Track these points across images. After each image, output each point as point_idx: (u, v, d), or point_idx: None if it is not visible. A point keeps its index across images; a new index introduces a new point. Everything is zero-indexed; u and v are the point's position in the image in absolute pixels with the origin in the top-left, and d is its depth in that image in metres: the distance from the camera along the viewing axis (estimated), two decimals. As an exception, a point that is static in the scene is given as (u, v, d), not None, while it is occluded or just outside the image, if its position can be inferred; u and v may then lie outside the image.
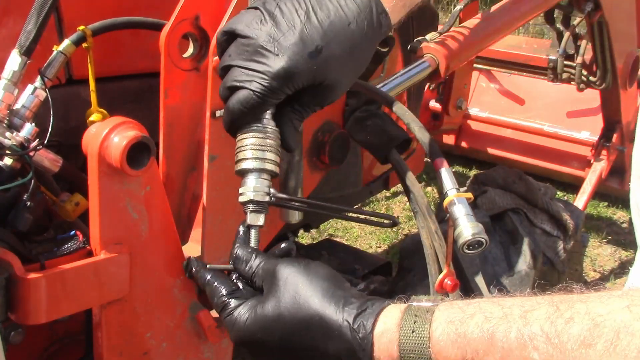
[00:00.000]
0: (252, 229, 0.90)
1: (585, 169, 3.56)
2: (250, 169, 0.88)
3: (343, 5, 0.90)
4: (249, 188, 0.88)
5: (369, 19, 0.92)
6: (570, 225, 2.34)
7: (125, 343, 1.09)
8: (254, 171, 0.88)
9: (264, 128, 0.89)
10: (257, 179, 0.88)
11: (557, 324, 0.57)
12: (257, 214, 0.88)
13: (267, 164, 0.88)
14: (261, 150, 0.88)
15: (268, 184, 0.89)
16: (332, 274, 0.80)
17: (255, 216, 0.88)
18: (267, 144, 0.89)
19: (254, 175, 0.88)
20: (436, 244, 1.28)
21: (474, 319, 0.64)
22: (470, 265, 2.07)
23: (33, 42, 1.12)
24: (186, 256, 1.18)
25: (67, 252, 1.05)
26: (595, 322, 0.55)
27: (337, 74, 0.90)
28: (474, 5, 2.65)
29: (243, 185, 0.89)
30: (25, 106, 1.12)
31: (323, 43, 0.87)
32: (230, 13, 1.08)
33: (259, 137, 0.88)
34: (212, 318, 1.19)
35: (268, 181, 0.89)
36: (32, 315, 0.97)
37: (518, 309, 0.62)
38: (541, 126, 3.74)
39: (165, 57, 1.13)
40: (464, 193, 1.15)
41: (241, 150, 0.89)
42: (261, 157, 0.88)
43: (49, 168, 1.13)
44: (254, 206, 0.88)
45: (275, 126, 0.91)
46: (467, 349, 0.63)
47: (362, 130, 1.40)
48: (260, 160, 0.88)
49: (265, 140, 0.89)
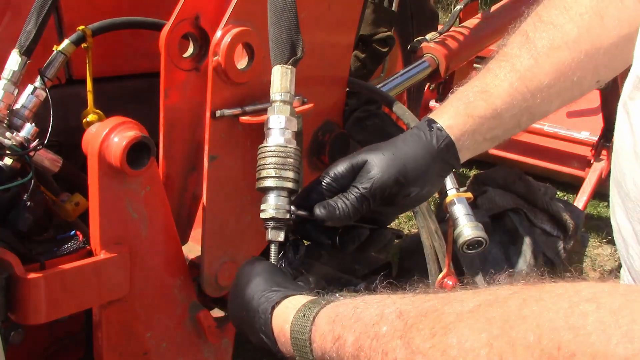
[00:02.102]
0: (273, 245, 0.93)
1: (585, 169, 3.56)
2: (272, 187, 0.92)
3: None
4: (271, 205, 0.92)
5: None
6: (570, 225, 2.34)
7: (125, 343, 1.09)
8: (275, 189, 0.92)
9: (286, 147, 0.93)
10: (278, 196, 0.92)
11: (416, 303, 0.63)
12: (277, 230, 0.92)
13: (287, 182, 0.92)
14: (282, 169, 0.92)
15: (288, 202, 0.92)
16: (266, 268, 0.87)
17: (276, 233, 0.92)
18: (288, 162, 0.93)
19: (274, 193, 0.92)
20: (436, 244, 1.28)
21: (353, 302, 0.71)
22: (470, 265, 2.07)
23: (33, 42, 1.12)
24: (186, 256, 1.19)
25: (67, 252, 1.05)
26: (447, 300, 0.60)
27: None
28: (474, 5, 2.65)
29: (264, 202, 0.93)
30: (25, 106, 1.12)
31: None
32: (230, 13, 1.09)
33: (281, 157, 0.92)
34: (212, 318, 1.19)
35: (288, 199, 0.93)
36: (32, 315, 0.97)
37: (397, 297, 0.68)
38: (541, 126, 3.74)
39: (165, 57, 1.13)
40: (464, 193, 1.15)
41: (263, 168, 0.93)
42: (282, 175, 0.92)
43: (49, 168, 1.13)
44: (275, 223, 0.92)
45: (297, 145, 0.94)
46: (335, 328, 0.69)
47: (362, 130, 1.40)
48: (282, 179, 0.92)
49: (287, 159, 0.92)
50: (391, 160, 0.92)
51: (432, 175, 0.94)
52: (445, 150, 0.94)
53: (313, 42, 1.25)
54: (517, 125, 0.99)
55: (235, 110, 1.12)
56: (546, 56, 0.95)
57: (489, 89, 0.96)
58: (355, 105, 1.42)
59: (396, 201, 0.94)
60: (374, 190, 0.91)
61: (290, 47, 0.93)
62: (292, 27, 0.93)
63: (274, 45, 0.94)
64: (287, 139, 0.94)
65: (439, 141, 0.93)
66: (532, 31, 0.98)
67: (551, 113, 1.01)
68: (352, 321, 0.68)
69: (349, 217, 0.90)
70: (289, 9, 0.93)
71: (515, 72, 0.96)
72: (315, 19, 1.22)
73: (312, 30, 1.23)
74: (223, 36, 1.08)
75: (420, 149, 0.93)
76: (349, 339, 0.66)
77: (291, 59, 0.93)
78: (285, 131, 0.94)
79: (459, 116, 0.95)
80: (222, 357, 1.26)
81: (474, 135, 0.95)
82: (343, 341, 0.68)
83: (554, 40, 0.95)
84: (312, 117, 1.31)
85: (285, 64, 0.93)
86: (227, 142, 1.14)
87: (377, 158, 0.93)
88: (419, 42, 2.06)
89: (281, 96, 0.94)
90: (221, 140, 1.13)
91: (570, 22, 0.95)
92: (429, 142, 0.94)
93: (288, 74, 0.93)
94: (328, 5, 1.24)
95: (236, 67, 1.10)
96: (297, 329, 0.75)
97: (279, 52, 0.94)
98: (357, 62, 1.80)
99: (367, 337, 0.64)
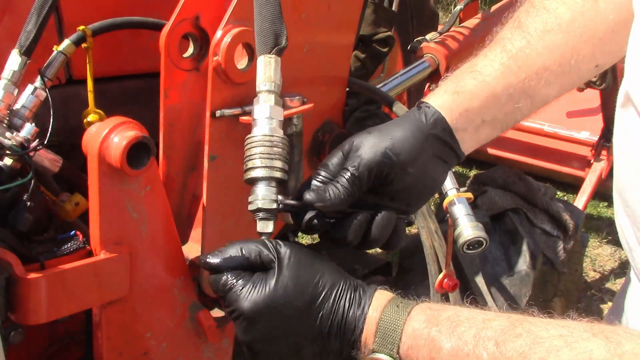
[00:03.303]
0: (263, 237, 0.91)
1: (585, 169, 3.56)
2: (259, 178, 0.90)
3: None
4: (257, 196, 0.89)
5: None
6: (570, 225, 2.34)
7: (125, 343, 1.09)
8: (263, 179, 0.90)
9: (272, 137, 0.91)
10: (266, 187, 0.89)
11: (508, 335, 0.71)
12: (266, 221, 0.90)
13: (275, 172, 0.90)
14: (269, 158, 0.90)
15: (276, 191, 0.90)
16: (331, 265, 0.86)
17: (265, 224, 0.90)
18: (275, 152, 0.90)
19: (262, 183, 0.90)
20: (436, 244, 1.28)
21: (446, 312, 0.77)
22: (470, 265, 2.07)
23: (33, 42, 1.12)
24: (186, 256, 1.18)
25: (67, 252, 1.05)
26: (535, 342, 0.69)
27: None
28: (474, 5, 2.65)
29: (252, 193, 0.90)
30: (25, 106, 1.12)
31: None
32: (230, 13, 1.09)
33: (267, 146, 0.90)
34: (212, 318, 1.19)
35: (276, 188, 0.90)
36: (32, 315, 0.97)
37: (481, 315, 0.75)
38: (541, 126, 3.74)
39: (165, 57, 1.13)
40: (464, 193, 1.15)
41: (250, 159, 0.91)
42: (270, 165, 0.90)
43: (49, 168, 1.13)
44: (263, 214, 0.90)
45: (283, 134, 0.92)
46: (432, 329, 0.76)
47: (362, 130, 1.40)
48: (269, 168, 0.90)
49: (273, 148, 0.90)
50: (378, 138, 0.90)
51: (426, 154, 0.91)
52: (435, 125, 0.91)
53: (313, 42, 1.25)
54: (516, 110, 0.96)
55: (235, 110, 1.12)
56: (539, 39, 0.94)
57: (478, 69, 0.95)
58: (355, 105, 1.42)
59: (394, 185, 0.90)
60: (362, 167, 0.87)
61: (274, 37, 0.92)
62: (275, 17, 0.92)
63: (258, 35, 0.93)
64: (273, 128, 0.91)
65: (427, 117, 0.91)
66: (524, 16, 0.97)
67: (552, 100, 0.98)
68: (449, 329, 0.74)
69: (340, 199, 0.86)
70: (272, 0, 0.93)
71: (507, 52, 0.95)
72: (315, 19, 1.22)
73: (312, 30, 1.23)
74: (223, 36, 1.08)
75: (409, 126, 0.91)
76: (445, 345, 0.74)
77: (275, 48, 0.92)
78: (271, 120, 0.91)
79: (447, 94, 0.93)
80: (222, 357, 1.26)
81: (468, 114, 0.93)
82: (438, 345, 0.74)
83: (546, 23, 0.94)
84: (312, 117, 1.31)
85: (269, 53, 0.92)
86: (227, 142, 1.14)
87: (365, 138, 0.91)
88: (419, 42, 2.07)
89: (266, 86, 0.92)
90: (221, 140, 1.13)
91: (563, 5, 0.94)
92: (417, 119, 0.91)
93: (272, 63, 0.92)
94: (328, 5, 1.24)
95: (236, 67, 1.10)
96: (387, 323, 0.78)
97: (262, 42, 0.92)
98: (357, 62, 1.80)
99: (465, 354, 0.72)
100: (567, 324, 0.70)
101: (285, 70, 0.95)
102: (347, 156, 0.91)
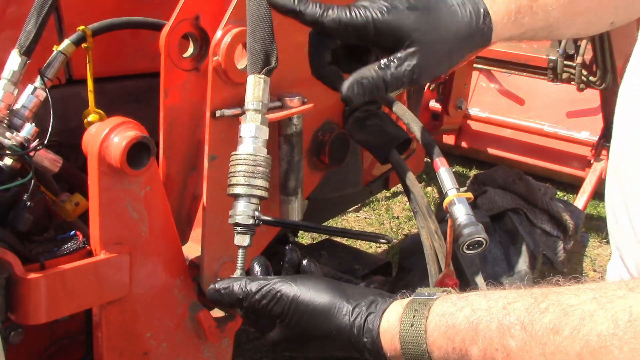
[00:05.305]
0: (240, 249, 0.97)
1: (585, 169, 3.56)
2: (241, 194, 0.95)
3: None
4: (236, 212, 0.95)
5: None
6: (570, 225, 2.34)
7: (125, 343, 1.09)
8: (244, 196, 0.95)
9: (256, 156, 0.95)
10: (246, 203, 0.95)
11: (533, 313, 0.66)
12: (243, 235, 0.96)
13: (255, 190, 0.95)
14: (252, 177, 0.95)
15: (255, 208, 0.96)
16: (329, 285, 0.86)
17: (242, 237, 0.96)
18: (258, 170, 0.96)
19: (243, 200, 0.95)
20: (436, 244, 1.28)
21: (462, 312, 0.73)
22: (470, 265, 2.06)
23: (33, 42, 1.12)
24: (186, 256, 1.19)
25: (67, 252, 1.05)
26: (565, 312, 0.64)
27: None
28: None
29: (233, 207, 0.96)
30: (25, 106, 1.12)
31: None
32: (230, 13, 1.09)
33: (251, 165, 0.95)
34: (212, 318, 1.19)
35: (256, 205, 0.96)
36: (32, 315, 0.97)
37: (502, 301, 0.71)
38: (541, 126, 3.74)
39: (165, 57, 1.13)
40: (464, 193, 1.15)
41: (234, 175, 0.96)
42: (251, 183, 0.95)
43: (49, 168, 1.13)
44: (240, 228, 0.95)
45: (267, 154, 0.97)
46: (455, 339, 0.72)
47: (362, 130, 1.40)
48: (251, 186, 0.95)
49: (256, 167, 0.95)
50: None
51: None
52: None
53: (313, 42, 1.24)
54: (546, 23, 0.92)
55: (235, 110, 1.12)
56: None
57: None
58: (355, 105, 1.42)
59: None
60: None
61: (264, 57, 0.94)
62: (266, 37, 0.93)
63: (249, 55, 0.95)
64: (257, 148, 0.96)
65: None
66: None
67: (567, 37, 0.97)
68: (470, 331, 0.71)
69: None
70: (264, 19, 0.93)
71: None
72: (315, 19, 1.22)
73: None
74: (223, 36, 1.08)
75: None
76: (473, 350, 0.70)
77: (264, 68, 0.94)
78: (256, 140, 0.96)
79: None
80: (222, 357, 1.26)
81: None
82: (465, 352, 0.71)
83: None
84: (312, 117, 1.31)
85: (258, 73, 0.94)
86: (227, 142, 1.14)
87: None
88: (419, 42, 2.06)
89: (253, 105, 0.95)
90: (221, 140, 1.13)
91: None
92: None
93: (261, 83, 0.95)
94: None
95: (236, 67, 1.11)
96: (409, 341, 0.76)
97: (253, 62, 0.94)
98: (357, 62, 1.80)
99: (494, 350, 0.68)
100: (599, 285, 0.65)
101: (285, 70, 0.96)
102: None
